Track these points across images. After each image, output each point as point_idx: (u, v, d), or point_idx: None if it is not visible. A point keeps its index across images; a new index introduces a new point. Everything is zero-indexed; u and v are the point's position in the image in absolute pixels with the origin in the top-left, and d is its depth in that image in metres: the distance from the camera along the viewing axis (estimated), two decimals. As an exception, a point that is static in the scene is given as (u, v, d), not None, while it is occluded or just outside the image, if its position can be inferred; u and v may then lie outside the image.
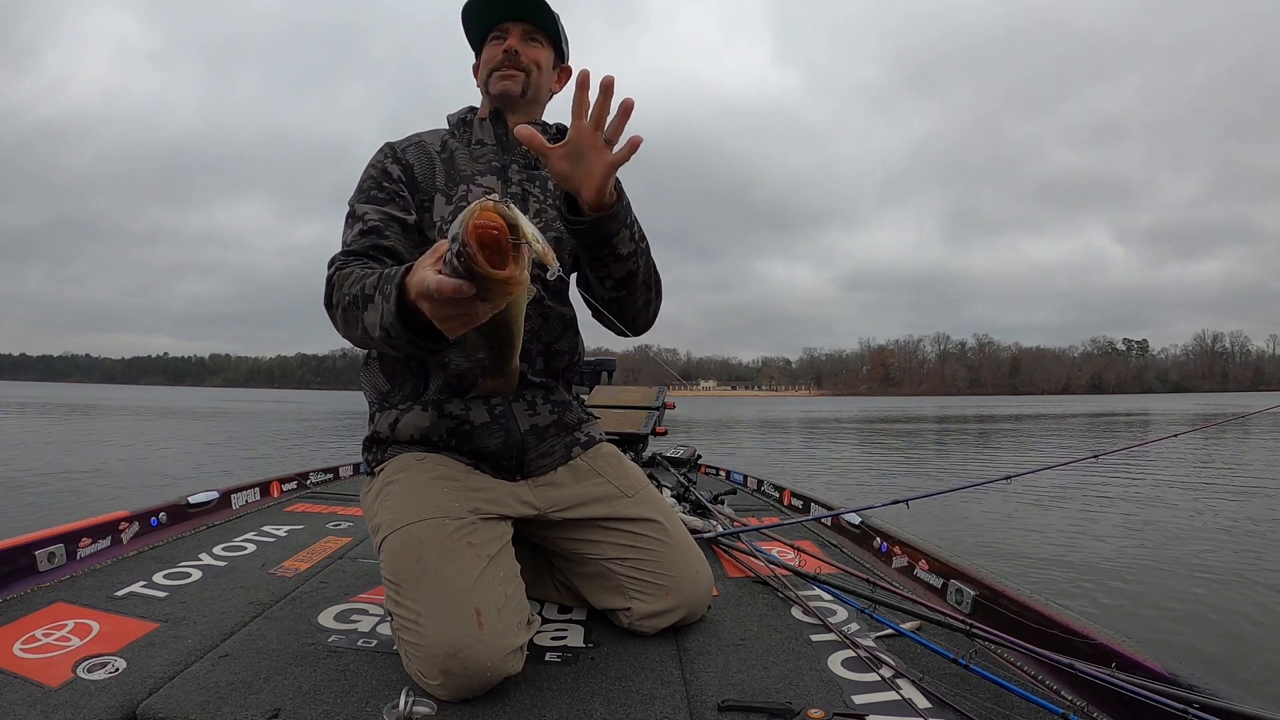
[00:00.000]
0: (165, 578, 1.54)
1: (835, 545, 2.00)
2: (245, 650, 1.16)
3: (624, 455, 1.47)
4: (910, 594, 1.48)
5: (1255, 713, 0.85)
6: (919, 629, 1.27)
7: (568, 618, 1.37)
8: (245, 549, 1.82)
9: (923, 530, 1.85)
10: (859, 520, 1.99)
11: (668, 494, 2.30)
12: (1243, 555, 3.71)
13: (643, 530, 1.31)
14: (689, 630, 1.30)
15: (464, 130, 1.40)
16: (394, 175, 1.30)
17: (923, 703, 1.02)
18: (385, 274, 1.00)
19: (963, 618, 1.28)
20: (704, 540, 1.80)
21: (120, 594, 1.42)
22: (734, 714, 0.99)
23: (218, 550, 1.79)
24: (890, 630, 1.27)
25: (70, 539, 1.57)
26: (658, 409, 3.10)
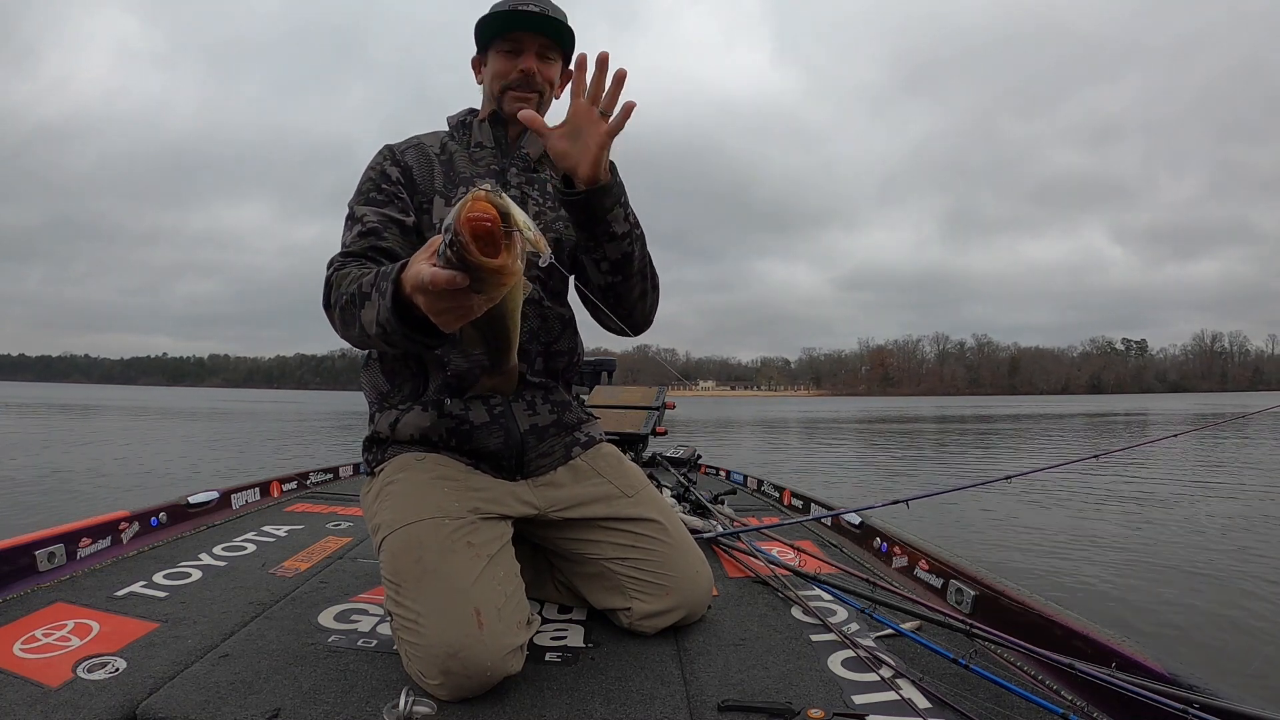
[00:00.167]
0: (165, 578, 1.54)
1: (835, 545, 2.00)
2: (245, 650, 1.16)
3: (624, 455, 1.47)
4: (910, 594, 1.48)
5: (1255, 713, 0.85)
6: (919, 629, 1.27)
7: (568, 618, 1.37)
8: (245, 549, 1.82)
9: (923, 530, 1.85)
10: (859, 520, 1.99)
11: (668, 494, 2.30)
12: (1243, 555, 3.71)
13: (643, 530, 1.31)
14: (689, 630, 1.30)
15: (463, 133, 1.40)
16: (393, 177, 1.30)
17: (923, 703, 1.02)
18: (381, 271, 1.00)
19: (963, 618, 1.28)
20: (704, 540, 1.80)
21: (120, 594, 1.42)
22: (734, 714, 0.99)
23: (218, 550, 1.79)
24: (890, 630, 1.27)
25: (70, 539, 1.57)
26: (658, 409, 3.10)
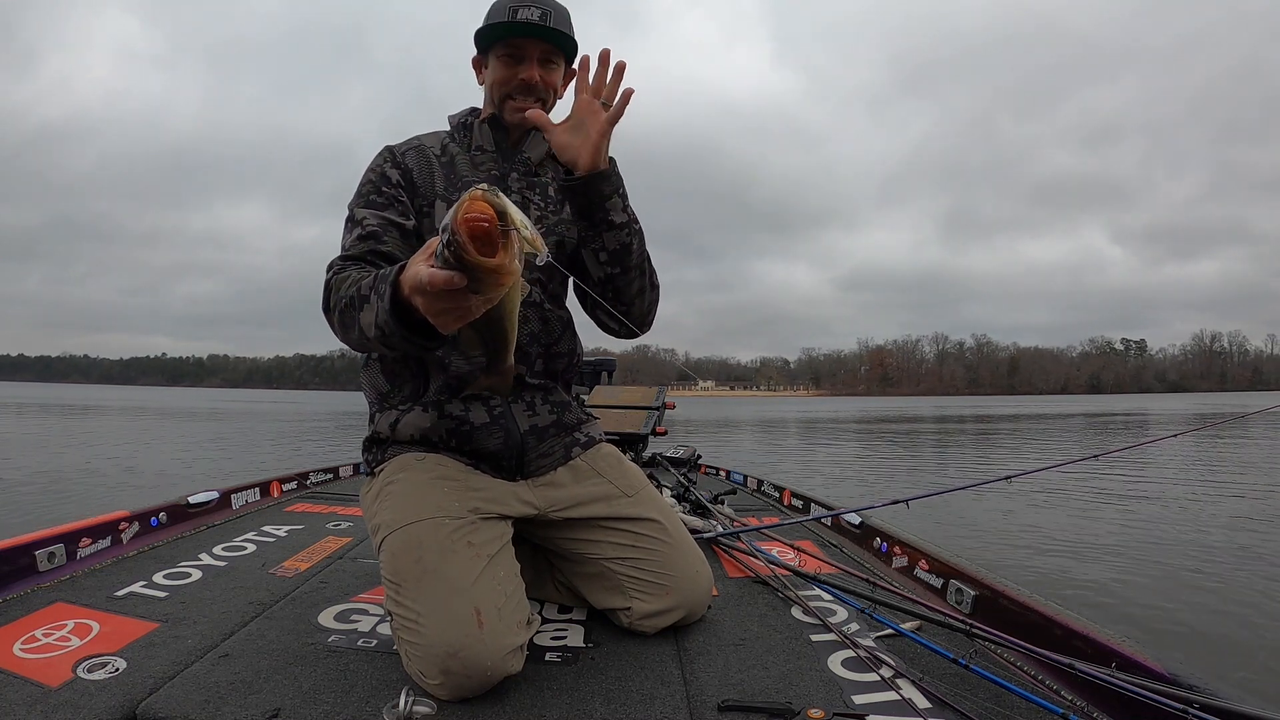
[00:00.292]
0: (165, 578, 1.54)
1: (835, 545, 2.00)
2: (245, 650, 1.16)
3: (624, 455, 1.47)
4: (910, 594, 1.48)
5: (1255, 713, 0.85)
6: (919, 629, 1.27)
7: (568, 618, 1.37)
8: (245, 549, 1.82)
9: (923, 530, 1.85)
10: (859, 520, 1.99)
11: (668, 494, 2.30)
12: (1243, 555, 3.72)
13: (643, 530, 1.31)
14: (689, 630, 1.30)
15: (464, 134, 1.38)
16: (393, 180, 1.30)
17: (923, 703, 1.02)
18: (380, 274, 1.00)
19: (963, 618, 1.28)
20: (704, 540, 1.80)
21: (120, 594, 1.42)
22: (734, 714, 0.99)
23: (218, 550, 1.79)
24: (890, 630, 1.27)
25: (70, 539, 1.57)
26: (658, 409, 3.10)
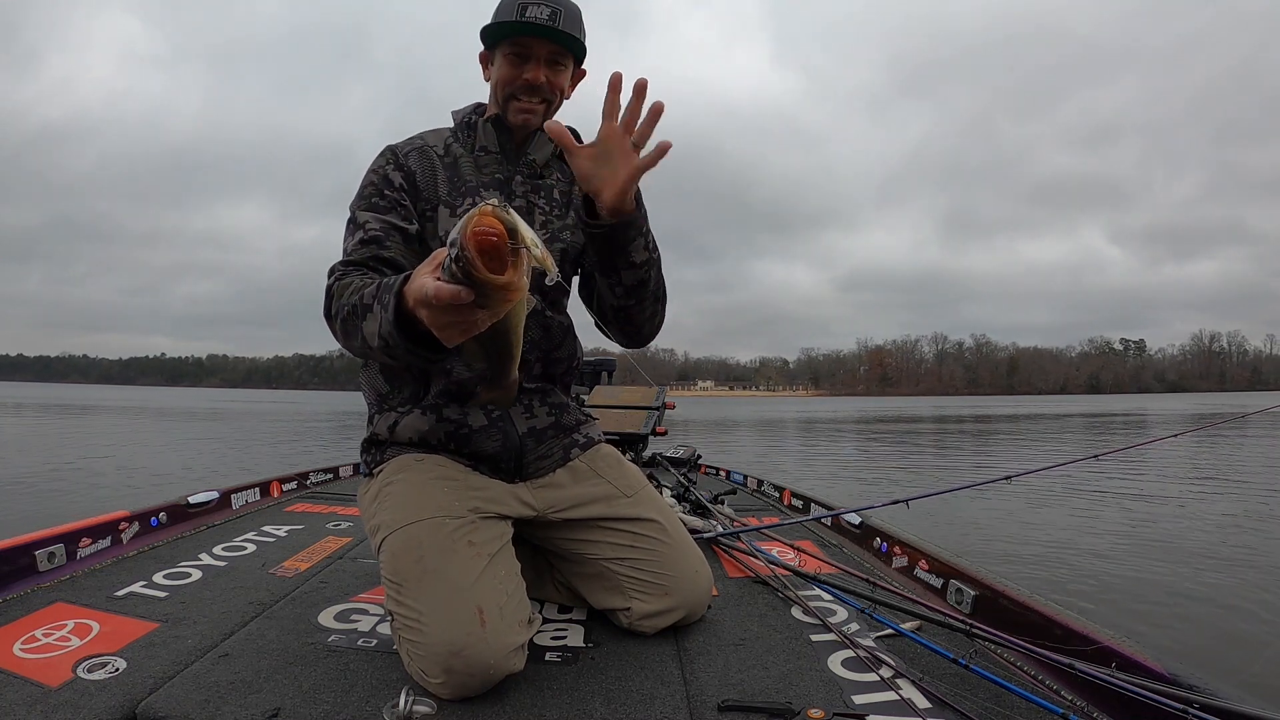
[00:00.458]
0: (165, 578, 1.54)
1: (835, 545, 2.00)
2: (245, 650, 1.16)
3: (623, 456, 1.47)
4: (910, 594, 1.48)
5: (1255, 713, 0.86)
6: (919, 629, 1.27)
7: (568, 618, 1.37)
8: (245, 549, 1.82)
9: (923, 530, 1.85)
10: (859, 520, 1.99)
11: (668, 494, 2.30)
12: (1243, 555, 3.72)
13: (642, 530, 1.31)
14: (689, 630, 1.30)
15: (468, 133, 1.35)
16: (396, 183, 1.27)
17: (923, 703, 1.02)
18: (384, 283, 0.99)
19: (963, 618, 1.28)
20: (704, 540, 1.80)
21: (120, 594, 1.42)
22: (734, 714, 0.99)
23: (218, 550, 1.79)
24: (890, 630, 1.27)
25: (70, 539, 1.57)
26: (657, 409, 3.10)
